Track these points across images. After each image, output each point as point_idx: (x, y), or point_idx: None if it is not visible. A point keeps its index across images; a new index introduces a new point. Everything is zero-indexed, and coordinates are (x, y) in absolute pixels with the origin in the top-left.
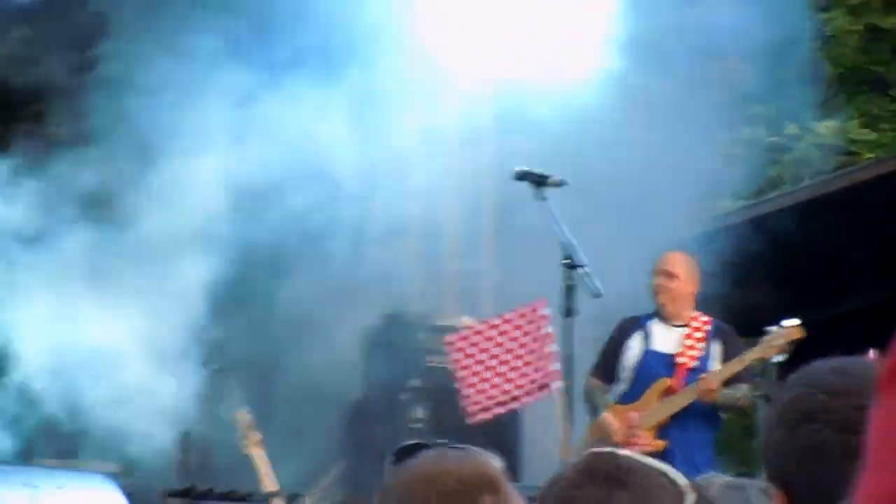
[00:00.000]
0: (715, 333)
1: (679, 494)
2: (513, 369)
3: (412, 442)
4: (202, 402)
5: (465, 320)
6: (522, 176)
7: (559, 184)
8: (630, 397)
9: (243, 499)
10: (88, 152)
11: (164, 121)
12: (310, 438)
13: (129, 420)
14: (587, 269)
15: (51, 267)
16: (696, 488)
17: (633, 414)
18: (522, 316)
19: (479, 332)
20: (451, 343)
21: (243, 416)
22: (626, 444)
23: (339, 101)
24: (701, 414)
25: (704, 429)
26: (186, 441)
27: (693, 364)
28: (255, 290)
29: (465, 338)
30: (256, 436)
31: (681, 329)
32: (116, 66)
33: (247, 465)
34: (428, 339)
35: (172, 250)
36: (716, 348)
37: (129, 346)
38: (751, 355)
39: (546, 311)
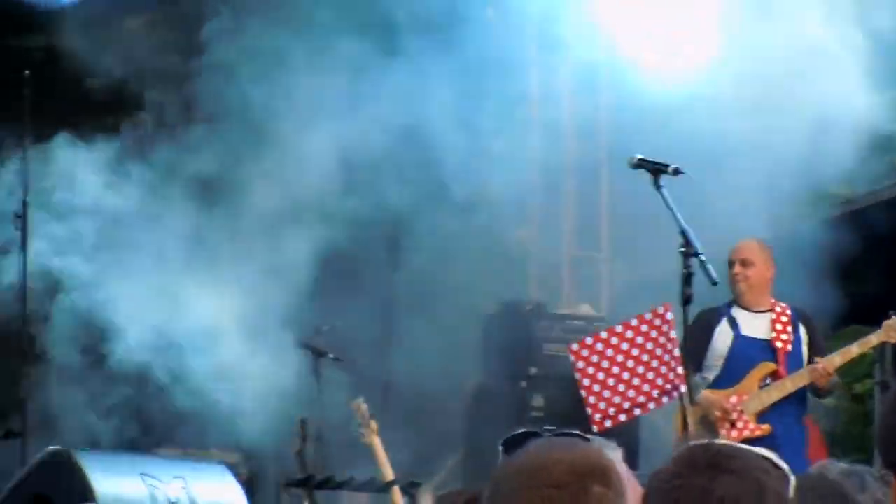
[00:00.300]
0: (797, 317)
1: (782, 477)
2: (637, 376)
3: (522, 431)
4: (319, 390)
5: (584, 308)
6: (639, 164)
7: (676, 172)
8: (724, 383)
9: (361, 488)
10: (196, 133)
11: (272, 97)
12: (428, 427)
13: (245, 409)
14: (704, 257)
15: (160, 250)
16: (812, 476)
17: (735, 398)
18: (647, 322)
19: (603, 340)
20: (575, 352)
21: (360, 404)
22: (727, 428)
23: (451, 87)
24: (796, 396)
25: (800, 411)
26: (303, 430)
27: (789, 348)
28: (372, 278)
29: (588, 346)
30: (374, 424)
31: (765, 315)
32: (225, 47)
33: (364, 453)
34: (546, 326)
35: (286, 235)
36: (802, 331)
37: (244, 335)
38: (875, 339)
39: (671, 316)
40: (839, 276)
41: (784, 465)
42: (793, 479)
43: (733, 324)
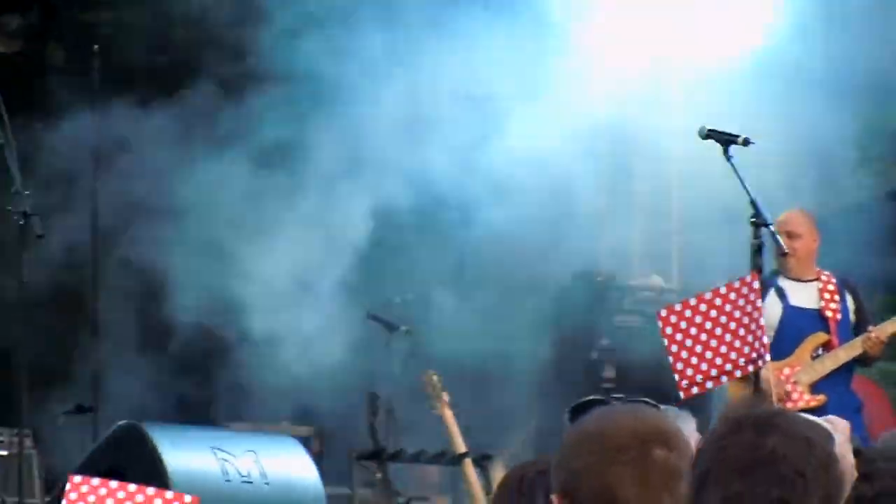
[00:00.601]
0: (843, 285)
1: (827, 435)
2: (724, 343)
3: (587, 399)
4: (390, 363)
5: (655, 280)
6: (709, 135)
7: (746, 143)
8: (774, 355)
9: (433, 460)
10: (260, 98)
11: (337, 60)
12: (499, 399)
13: (316, 382)
14: (773, 228)
15: (225, 213)
16: (888, 446)
17: (788, 370)
18: (735, 290)
19: (691, 307)
20: (663, 318)
21: (432, 377)
22: (782, 401)
23: (519, 54)
24: (845, 365)
25: (849, 379)
26: (374, 403)
27: (839, 317)
28: (442, 248)
29: (677, 312)
30: (445, 397)
31: (812, 284)
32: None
33: (436, 426)
34: (617, 298)
35: (356, 203)
36: (849, 299)
37: (312, 305)
38: None
39: (757, 285)
40: None
41: (827, 426)
42: (837, 437)
43: (781, 294)
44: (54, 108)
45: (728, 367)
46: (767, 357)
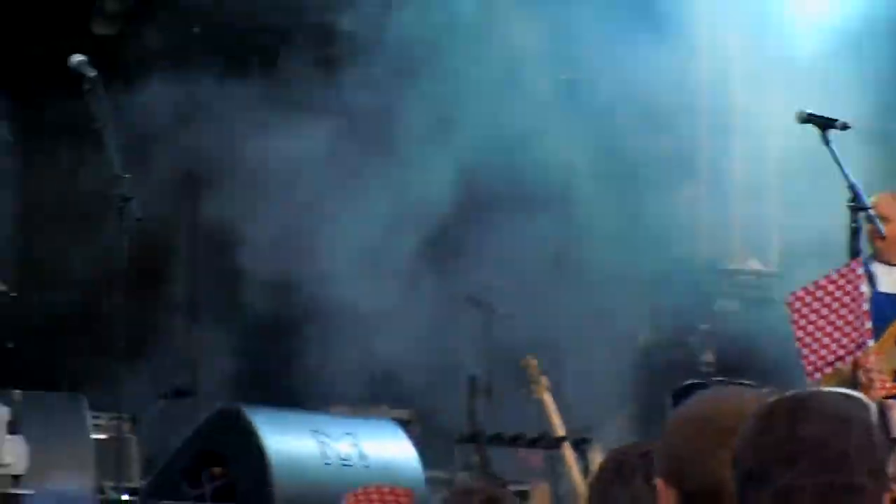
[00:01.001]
0: None
1: (863, 405)
2: (838, 329)
3: (690, 382)
4: (489, 346)
5: (753, 263)
6: (808, 119)
7: (844, 127)
8: None
9: (532, 443)
10: (351, 69)
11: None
12: (598, 383)
13: (417, 365)
14: (872, 211)
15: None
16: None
17: (871, 358)
18: (844, 276)
19: (811, 294)
20: (790, 304)
21: (531, 361)
22: (866, 390)
23: (618, 43)
24: None
25: None
26: (474, 386)
27: None
28: (540, 231)
29: (801, 299)
30: (544, 381)
31: None
32: None
33: (534, 409)
34: (715, 282)
35: (443, 184)
36: None
37: (412, 289)
38: None
39: (861, 271)
40: None
41: (862, 395)
42: (873, 406)
43: (871, 280)
44: (151, 87)
45: (841, 351)
46: (871, 342)
